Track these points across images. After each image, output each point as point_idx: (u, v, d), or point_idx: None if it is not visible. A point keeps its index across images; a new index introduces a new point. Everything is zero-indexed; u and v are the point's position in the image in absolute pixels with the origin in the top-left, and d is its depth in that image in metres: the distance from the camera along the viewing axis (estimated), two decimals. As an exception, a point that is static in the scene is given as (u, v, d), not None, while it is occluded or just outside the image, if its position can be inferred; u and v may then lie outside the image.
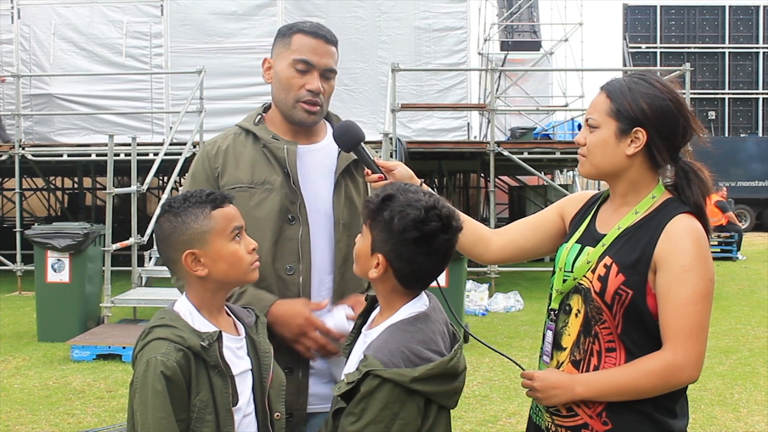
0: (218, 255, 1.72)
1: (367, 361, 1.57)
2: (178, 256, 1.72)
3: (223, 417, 1.65)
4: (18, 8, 11.90)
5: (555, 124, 16.45)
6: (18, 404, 5.27)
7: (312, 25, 2.11)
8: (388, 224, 1.65)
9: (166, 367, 1.58)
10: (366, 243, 1.71)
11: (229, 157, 2.10)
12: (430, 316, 1.68)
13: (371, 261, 1.69)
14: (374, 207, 1.69)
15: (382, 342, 1.61)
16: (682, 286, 1.70)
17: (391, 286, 1.70)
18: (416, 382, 1.55)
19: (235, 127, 2.19)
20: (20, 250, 10.52)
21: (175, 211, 1.73)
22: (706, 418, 4.98)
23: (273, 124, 2.16)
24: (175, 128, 9.67)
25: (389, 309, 1.71)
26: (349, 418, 1.57)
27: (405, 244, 1.64)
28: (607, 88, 1.86)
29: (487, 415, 5.02)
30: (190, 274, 1.73)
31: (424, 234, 1.63)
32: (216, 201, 1.74)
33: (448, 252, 1.70)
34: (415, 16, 11.74)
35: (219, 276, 1.73)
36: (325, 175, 2.11)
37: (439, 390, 1.60)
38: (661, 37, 25.52)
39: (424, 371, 1.56)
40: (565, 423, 1.82)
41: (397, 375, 1.54)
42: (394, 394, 1.54)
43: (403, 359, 1.57)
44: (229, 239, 1.73)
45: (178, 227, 1.72)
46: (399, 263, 1.66)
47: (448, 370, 1.60)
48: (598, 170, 1.86)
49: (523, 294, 9.50)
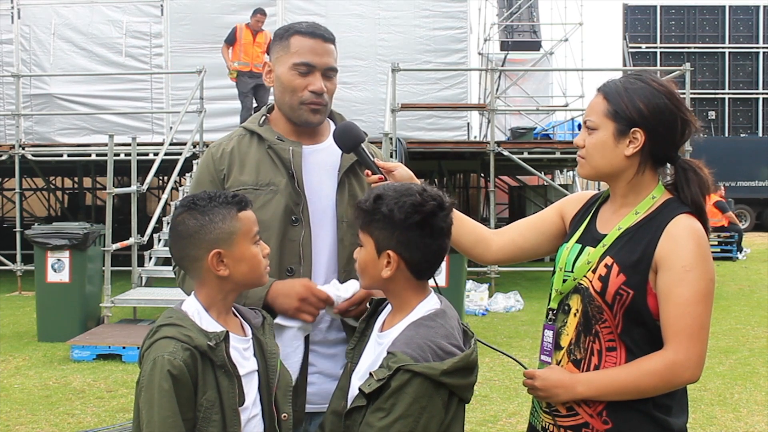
0: (242, 256, 1.73)
1: (395, 357, 1.60)
2: (202, 254, 1.72)
3: (230, 417, 1.65)
4: (18, 8, 11.90)
5: (555, 124, 16.46)
6: (18, 404, 5.27)
7: (309, 25, 2.11)
8: (389, 218, 1.68)
9: (173, 366, 1.59)
10: (368, 249, 1.74)
11: (234, 159, 2.10)
12: (446, 312, 1.74)
13: (380, 263, 1.72)
14: (369, 208, 1.72)
15: (409, 338, 1.64)
16: (683, 286, 1.70)
17: (404, 281, 1.73)
18: (445, 375, 1.59)
19: (240, 129, 2.19)
20: (20, 250, 10.52)
21: (201, 209, 1.72)
22: (706, 418, 4.98)
23: (277, 125, 2.16)
24: (175, 128, 9.68)
25: (404, 308, 1.74)
26: (378, 413, 1.59)
27: (410, 231, 1.68)
28: (604, 89, 1.86)
29: (487, 415, 5.02)
30: (209, 273, 1.73)
31: (426, 215, 1.68)
32: (241, 204, 1.75)
33: (449, 229, 1.76)
34: (415, 15, 11.73)
35: (238, 277, 1.74)
36: (329, 174, 2.11)
37: (462, 383, 1.64)
38: (661, 37, 25.52)
39: (452, 364, 1.60)
40: (565, 422, 1.82)
41: (428, 369, 1.58)
42: (423, 388, 1.58)
43: (431, 353, 1.61)
44: (252, 242, 1.76)
45: (205, 225, 1.71)
46: (408, 252, 1.70)
47: (470, 363, 1.65)
48: (597, 172, 1.87)
49: (523, 294, 9.50)
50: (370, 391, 1.60)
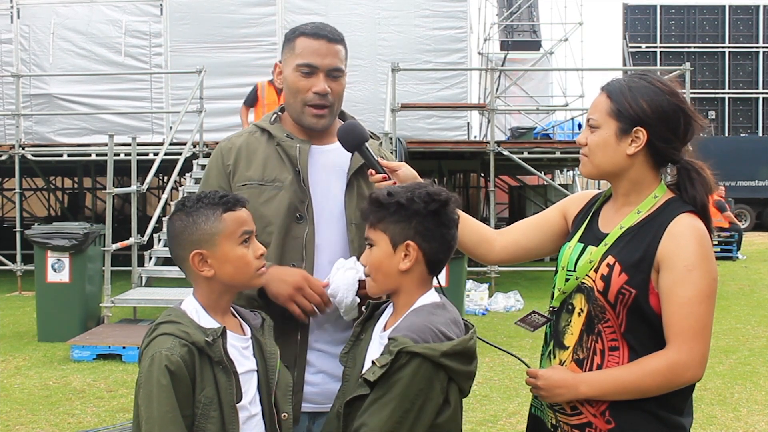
0: (225, 258, 1.73)
1: (396, 341, 1.61)
2: (185, 254, 1.74)
3: (228, 413, 1.66)
4: (17, 8, 11.88)
5: (555, 123, 16.47)
6: (18, 404, 5.27)
7: (314, 26, 2.12)
8: (409, 206, 1.71)
9: (170, 361, 1.59)
10: (382, 245, 1.74)
11: (241, 154, 2.13)
12: (446, 305, 1.76)
13: (396, 257, 1.73)
14: (384, 201, 1.73)
15: (410, 322, 1.66)
16: (686, 285, 1.70)
17: (419, 274, 1.75)
18: (445, 357, 1.60)
19: (252, 126, 2.23)
20: (20, 250, 10.51)
21: (188, 210, 1.75)
22: (706, 418, 4.98)
23: (287, 123, 2.19)
24: (175, 128, 9.66)
25: (408, 305, 1.75)
26: (378, 391, 1.60)
27: (428, 220, 1.72)
28: (608, 88, 1.86)
29: (487, 414, 5.01)
30: (197, 273, 1.75)
31: (441, 203, 1.73)
32: (228, 204, 1.75)
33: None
34: (415, 15, 11.72)
35: (225, 278, 1.75)
36: (338, 174, 2.12)
37: (461, 369, 1.64)
38: (661, 37, 25.54)
39: (451, 346, 1.61)
40: (569, 421, 1.83)
41: (428, 349, 1.59)
42: (423, 369, 1.58)
43: (432, 336, 1.63)
44: (237, 243, 1.75)
45: (188, 227, 1.74)
46: (427, 242, 1.73)
47: (468, 348, 1.66)
48: (599, 170, 1.87)
49: (523, 294, 9.50)
50: (375, 378, 1.59)
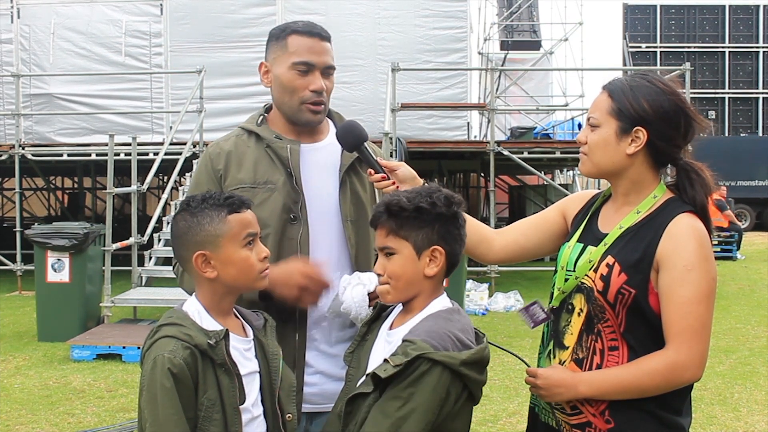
0: (229, 259, 1.73)
1: (414, 344, 1.58)
2: (189, 255, 1.73)
3: (231, 416, 1.65)
4: (18, 8, 11.88)
5: (555, 123, 16.48)
6: (18, 404, 5.27)
7: (305, 24, 2.11)
8: (431, 210, 1.70)
9: (173, 364, 1.59)
10: (405, 253, 1.71)
11: (231, 158, 2.10)
12: (460, 311, 1.75)
13: (421, 263, 1.71)
14: (406, 206, 1.70)
15: (429, 327, 1.64)
16: (685, 285, 1.70)
17: (439, 276, 1.75)
18: (464, 366, 1.59)
19: (238, 129, 2.19)
20: (20, 250, 10.51)
21: (192, 210, 1.74)
22: (706, 418, 4.98)
23: (275, 124, 2.16)
24: (175, 128, 9.66)
25: (419, 306, 1.74)
26: (395, 402, 1.56)
27: (450, 222, 1.73)
28: (609, 87, 1.86)
29: (487, 414, 5.01)
30: (199, 274, 1.74)
31: (459, 206, 1.76)
32: (233, 206, 1.74)
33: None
34: (415, 15, 11.72)
35: (228, 280, 1.74)
36: (329, 172, 2.11)
37: (477, 378, 1.64)
38: (661, 37, 25.51)
39: (470, 355, 1.60)
40: (569, 420, 1.83)
41: (449, 358, 1.57)
42: (443, 378, 1.57)
43: (451, 344, 1.61)
44: (242, 245, 1.74)
45: (192, 227, 1.73)
46: (450, 245, 1.74)
47: (485, 357, 1.66)
48: (598, 169, 1.87)
49: (523, 293, 9.50)
50: (386, 376, 1.57)
